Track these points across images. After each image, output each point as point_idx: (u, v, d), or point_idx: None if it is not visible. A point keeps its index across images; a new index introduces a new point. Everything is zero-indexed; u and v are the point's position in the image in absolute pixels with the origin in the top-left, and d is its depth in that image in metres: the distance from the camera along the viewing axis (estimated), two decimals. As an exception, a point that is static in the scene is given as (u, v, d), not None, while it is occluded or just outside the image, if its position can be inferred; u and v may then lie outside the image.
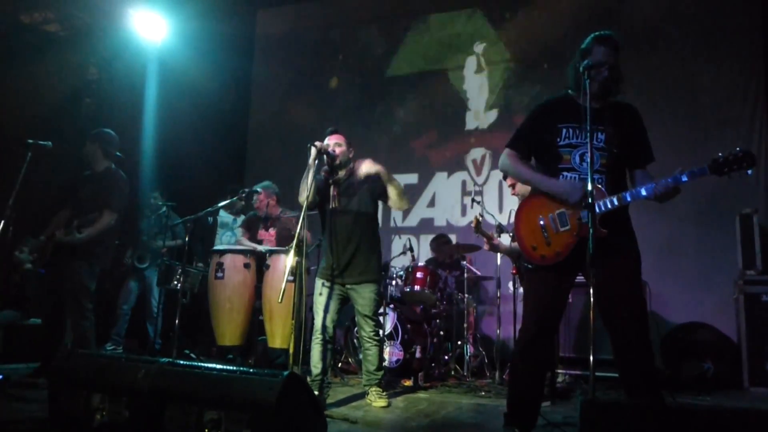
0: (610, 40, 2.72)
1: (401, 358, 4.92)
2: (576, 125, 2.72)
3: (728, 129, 5.68)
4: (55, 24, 7.58)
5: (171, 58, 6.72)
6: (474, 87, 6.83)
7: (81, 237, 4.01)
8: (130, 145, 6.66)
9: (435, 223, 6.73)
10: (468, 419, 3.52)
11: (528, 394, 2.80)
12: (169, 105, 6.86)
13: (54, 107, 6.63)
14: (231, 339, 4.87)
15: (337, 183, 3.84)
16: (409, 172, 6.97)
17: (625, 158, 2.75)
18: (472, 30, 6.94)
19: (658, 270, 5.67)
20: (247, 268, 4.95)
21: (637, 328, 2.62)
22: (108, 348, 5.81)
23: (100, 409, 2.60)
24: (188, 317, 5.28)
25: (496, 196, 6.46)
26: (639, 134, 2.80)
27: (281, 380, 2.26)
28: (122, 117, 6.61)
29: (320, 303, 3.74)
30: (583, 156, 2.67)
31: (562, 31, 6.38)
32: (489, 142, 6.60)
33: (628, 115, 2.81)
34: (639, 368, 2.63)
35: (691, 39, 5.94)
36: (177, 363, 2.61)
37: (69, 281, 4.05)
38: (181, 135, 6.90)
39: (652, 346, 2.69)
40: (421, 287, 5.16)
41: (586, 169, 2.62)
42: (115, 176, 4.28)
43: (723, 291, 5.26)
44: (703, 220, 5.60)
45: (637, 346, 2.62)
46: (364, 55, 7.51)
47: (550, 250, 2.69)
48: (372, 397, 3.83)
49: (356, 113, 7.39)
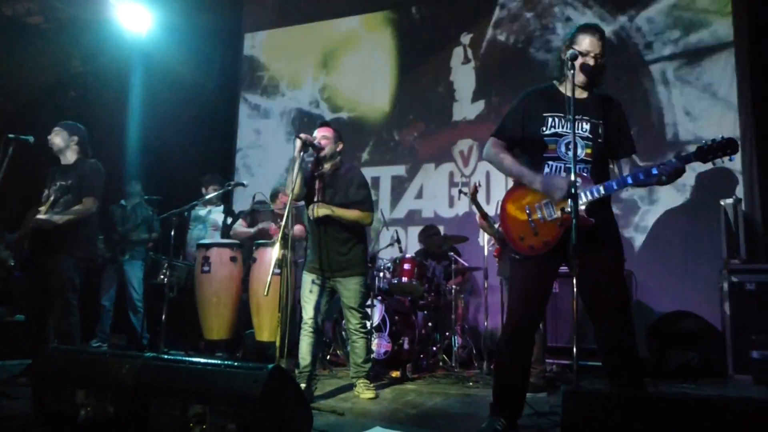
0: (595, 29, 2.72)
1: (389, 349, 4.92)
2: (561, 115, 2.73)
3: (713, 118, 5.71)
4: (38, 16, 7.48)
5: (156, 50, 6.64)
6: (461, 78, 6.81)
7: (58, 219, 3.95)
8: (114, 138, 6.63)
9: (423, 215, 6.74)
10: (455, 409, 3.55)
11: (513, 384, 2.82)
12: (155, 98, 6.80)
13: (37, 100, 6.55)
14: (219, 333, 4.86)
15: (322, 176, 3.82)
16: (397, 164, 6.98)
17: (608, 148, 2.77)
18: (459, 21, 6.92)
19: (644, 259, 5.73)
20: (233, 262, 4.93)
21: (621, 319, 2.65)
22: (93, 345, 5.77)
23: (84, 405, 2.59)
24: (176, 311, 5.25)
25: (483, 187, 6.44)
26: (621, 125, 2.82)
27: (266, 373, 2.26)
28: (107, 110, 6.55)
29: (308, 296, 3.74)
30: (568, 145, 2.68)
31: (550, 20, 6.40)
32: (476, 133, 6.59)
33: (611, 106, 2.82)
34: (622, 359, 2.66)
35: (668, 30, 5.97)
36: (161, 357, 2.61)
37: (53, 276, 4.00)
38: (167, 128, 6.85)
39: (636, 337, 2.72)
40: (408, 278, 5.17)
41: (571, 158, 2.63)
42: (93, 165, 4.22)
43: (708, 280, 5.30)
44: (688, 210, 5.65)
45: (621, 336, 2.64)
46: (350, 46, 7.48)
47: (537, 239, 2.70)
48: (360, 389, 3.84)
49: (345, 105, 7.36)
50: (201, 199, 4.94)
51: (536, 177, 2.70)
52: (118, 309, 6.00)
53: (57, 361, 2.76)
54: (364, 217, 3.84)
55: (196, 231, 6.07)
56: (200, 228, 6.09)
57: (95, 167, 4.21)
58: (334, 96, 7.51)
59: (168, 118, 6.86)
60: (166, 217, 4.88)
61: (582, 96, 2.75)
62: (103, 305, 5.93)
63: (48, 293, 4.04)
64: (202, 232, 6.05)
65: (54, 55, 7.04)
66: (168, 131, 6.85)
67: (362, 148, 7.16)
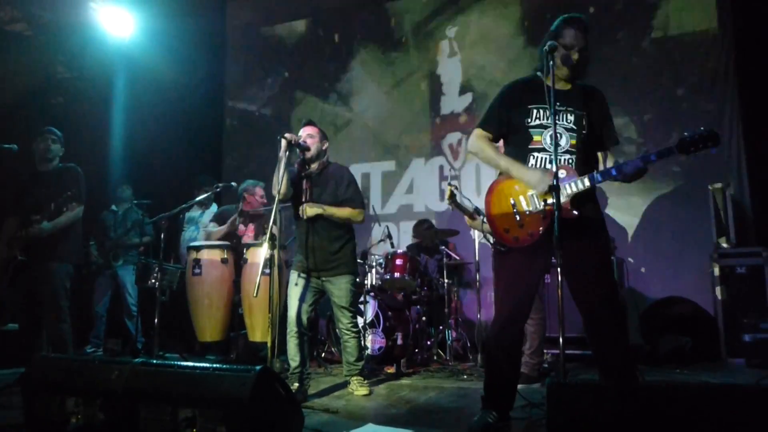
0: (579, 22, 2.72)
1: (384, 345, 4.93)
2: (545, 106, 2.71)
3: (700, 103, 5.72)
4: (22, 23, 7.43)
5: (140, 54, 6.60)
6: (447, 71, 6.81)
7: (49, 226, 3.94)
8: (100, 144, 6.60)
9: (414, 209, 6.74)
10: (449, 403, 3.55)
11: (504, 376, 2.82)
12: (140, 102, 6.76)
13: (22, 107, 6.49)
14: (211, 335, 4.86)
15: (309, 176, 3.81)
16: (386, 160, 6.98)
17: (593, 139, 2.77)
18: (444, 13, 6.90)
19: (635, 246, 5.75)
20: (224, 263, 4.92)
21: (608, 309, 2.65)
22: (88, 351, 5.76)
23: (75, 413, 2.58)
24: (169, 314, 5.25)
25: (473, 180, 6.47)
26: (605, 117, 2.82)
27: (254, 375, 2.25)
28: (91, 115, 6.50)
29: (294, 294, 3.72)
30: (552, 137, 2.68)
31: (537, 10, 6.38)
32: (464, 125, 6.60)
33: (595, 98, 2.83)
34: (612, 349, 2.66)
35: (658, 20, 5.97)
36: (150, 363, 2.59)
37: (44, 284, 4.00)
38: (153, 131, 6.81)
39: (626, 326, 2.73)
40: (401, 274, 5.18)
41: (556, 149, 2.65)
42: (75, 170, 4.21)
43: (699, 265, 5.33)
44: (677, 195, 5.67)
45: (609, 327, 2.65)
46: (336, 43, 7.46)
47: (523, 231, 2.69)
48: (354, 386, 3.85)
49: (332, 102, 7.35)
50: (189, 202, 4.92)
51: (522, 170, 2.70)
52: (112, 314, 6.00)
53: (46, 369, 2.74)
54: (356, 214, 3.83)
55: (189, 233, 6.06)
56: (193, 230, 6.07)
57: (78, 173, 4.20)
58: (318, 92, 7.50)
59: (154, 122, 6.82)
60: (155, 220, 4.87)
61: (566, 87, 2.76)
62: (97, 312, 5.92)
63: (40, 301, 4.04)
64: (195, 233, 6.04)
65: (38, 61, 6.98)
66: (154, 135, 6.82)
67: (351, 144, 7.15)
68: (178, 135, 6.99)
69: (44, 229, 3.94)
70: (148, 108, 6.80)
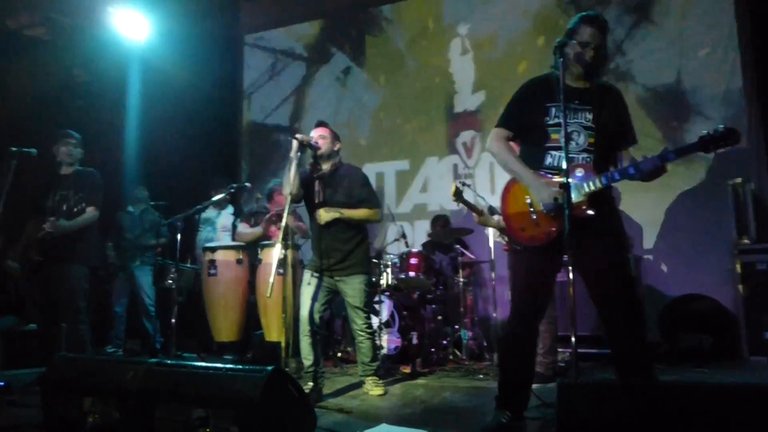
0: (596, 20, 2.68)
1: (399, 345, 4.93)
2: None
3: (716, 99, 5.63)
4: (41, 28, 7.55)
5: (155, 56, 6.67)
6: (460, 69, 6.78)
7: (67, 224, 4.01)
8: (116, 145, 6.68)
9: (429, 208, 6.72)
10: (463, 403, 3.54)
11: (518, 376, 2.81)
12: (155, 103, 6.82)
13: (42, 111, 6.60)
14: (227, 335, 4.90)
15: (322, 177, 3.82)
16: (400, 159, 6.97)
17: (611, 138, 2.73)
18: (456, 12, 6.88)
19: (654, 243, 5.67)
20: (239, 264, 4.96)
21: (625, 307, 2.62)
22: (108, 351, 5.84)
23: (91, 412, 2.62)
24: (187, 315, 5.30)
25: (487, 178, 6.43)
26: (623, 116, 2.78)
27: (265, 376, 2.27)
28: (107, 117, 6.58)
29: (307, 294, 3.73)
30: (571, 134, 2.66)
31: (549, 8, 6.33)
32: (478, 124, 6.57)
33: (613, 96, 2.79)
34: (628, 347, 2.63)
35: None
36: (165, 363, 2.62)
37: (62, 285, 4.06)
38: (168, 134, 6.88)
39: (644, 324, 2.68)
40: (416, 273, 5.17)
41: (574, 148, 2.64)
42: (93, 175, 4.29)
43: (719, 261, 5.24)
44: (696, 191, 5.58)
45: (626, 324, 2.61)
46: (349, 42, 7.47)
47: (539, 230, 2.67)
48: (368, 386, 3.85)
49: (346, 102, 7.36)
50: (204, 203, 4.96)
51: (532, 181, 2.68)
52: (131, 314, 6.08)
53: (64, 369, 2.79)
54: (373, 214, 3.83)
55: (205, 233, 6.11)
56: (209, 230, 6.12)
57: (96, 176, 4.27)
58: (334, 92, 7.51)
59: (169, 124, 6.89)
60: (170, 221, 4.92)
61: (583, 85, 2.73)
62: (116, 312, 6.00)
63: (58, 302, 4.10)
64: (211, 234, 6.09)
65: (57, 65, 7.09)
66: (170, 136, 6.89)
67: (365, 144, 7.15)
68: (194, 136, 7.05)
69: (62, 225, 4.00)
70: (164, 110, 6.87)
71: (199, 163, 6.98)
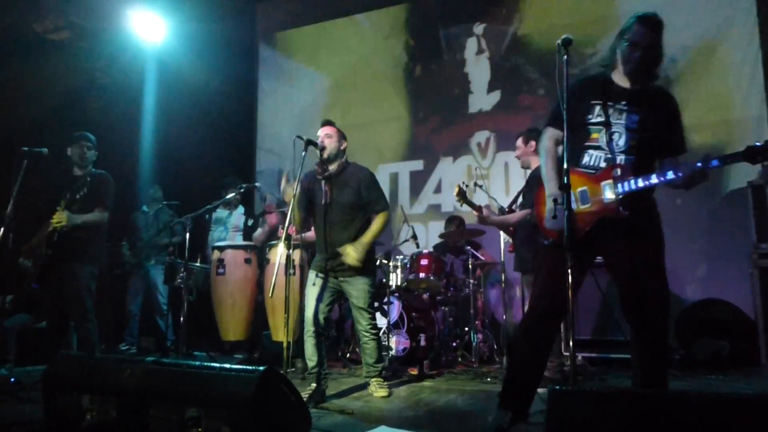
0: (650, 20, 2.60)
1: (408, 346, 4.90)
2: (610, 104, 2.65)
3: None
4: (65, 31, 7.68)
5: (171, 57, 6.75)
6: (475, 69, 6.72)
7: (74, 217, 4.05)
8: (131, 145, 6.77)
9: (442, 209, 6.67)
10: (467, 406, 3.50)
11: (526, 376, 2.73)
12: (171, 104, 6.91)
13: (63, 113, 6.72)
14: (235, 334, 4.91)
15: (329, 178, 3.80)
16: (414, 159, 6.93)
17: (656, 143, 2.64)
18: (471, 11, 6.82)
19: (671, 246, 5.49)
20: (247, 263, 4.97)
21: (655, 312, 2.56)
22: (122, 348, 5.92)
23: (90, 410, 2.64)
24: (198, 314, 5.34)
25: (502, 179, 6.35)
26: (673, 122, 2.67)
27: (257, 376, 2.25)
28: (124, 118, 6.68)
29: (311, 294, 3.71)
30: (612, 136, 2.61)
31: (566, 7, 6.23)
32: (493, 124, 6.48)
33: (666, 102, 2.70)
34: (652, 355, 2.58)
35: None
36: (161, 362, 2.62)
37: (71, 284, 4.11)
38: (185, 134, 6.95)
39: (668, 332, 2.62)
40: (426, 274, 5.13)
41: (614, 148, 2.59)
42: (105, 177, 4.33)
43: (738, 266, 5.08)
44: (715, 193, 5.44)
45: (652, 335, 2.57)
46: (365, 42, 7.46)
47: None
48: (373, 387, 3.83)
49: (360, 102, 7.35)
50: (214, 203, 4.99)
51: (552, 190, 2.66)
52: (146, 313, 6.15)
53: (65, 368, 2.82)
54: (383, 218, 3.81)
55: (217, 233, 6.15)
56: (221, 230, 6.16)
57: (108, 179, 4.32)
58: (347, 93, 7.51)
59: (186, 125, 6.96)
60: (181, 221, 4.96)
61: (633, 87, 2.66)
62: (131, 310, 6.08)
63: (66, 300, 4.15)
64: (222, 234, 6.13)
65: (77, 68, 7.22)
66: (186, 137, 6.96)
67: (378, 144, 7.13)
68: (209, 137, 7.11)
69: (70, 216, 4.03)
70: (179, 111, 6.94)
71: (214, 163, 7.03)
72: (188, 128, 6.93)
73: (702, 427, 1.55)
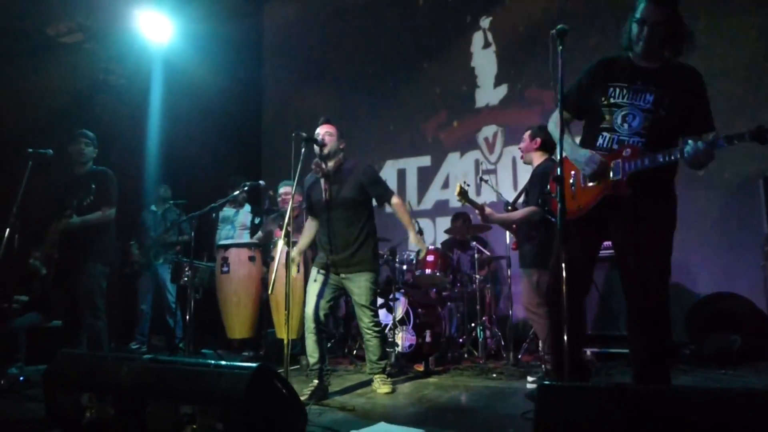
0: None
1: (414, 342, 4.87)
2: (625, 85, 2.61)
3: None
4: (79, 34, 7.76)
5: (178, 58, 6.78)
6: (482, 63, 6.66)
7: (77, 221, 4.08)
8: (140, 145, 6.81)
9: (450, 205, 6.63)
10: (470, 403, 3.47)
11: None
12: (178, 105, 6.94)
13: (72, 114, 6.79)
14: (240, 332, 4.92)
15: (327, 176, 3.79)
16: (422, 155, 6.90)
17: (675, 122, 2.56)
18: (477, 4, 6.76)
19: (682, 239, 5.41)
20: (252, 261, 4.98)
21: (648, 301, 2.50)
22: (133, 347, 5.97)
23: (89, 408, 2.66)
24: (206, 312, 5.36)
25: (509, 174, 6.30)
26: (696, 99, 2.57)
27: (250, 373, 2.25)
28: (130, 118, 6.72)
29: (312, 291, 3.71)
30: (625, 117, 2.58)
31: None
32: (500, 118, 6.43)
33: (687, 78, 2.59)
34: (642, 342, 2.52)
35: None
36: (158, 359, 2.64)
37: (80, 282, 4.15)
38: (192, 134, 6.98)
39: (667, 322, 2.54)
40: (432, 270, 5.10)
41: (626, 130, 2.56)
42: (105, 173, 4.34)
43: (750, 259, 5.00)
44: (726, 184, 5.34)
45: (646, 320, 2.50)
46: (373, 40, 7.43)
47: (574, 203, 2.66)
48: (376, 384, 3.81)
49: (366, 98, 7.34)
50: (218, 201, 5.00)
51: (580, 151, 2.65)
52: (156, 311, 6.20)
53: (65, 365, 2.85)
54: (399, 203, 3.86)
55: (224, 231, 6.18)
56: (228, 228, 6.19)
57: (108, 175, 4.33)
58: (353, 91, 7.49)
59: (193, 124, 6.99)
60: (186, 219, 4.98)
61: (650, 65, 2.60)
62: (142, 309, 6.14)
63: (76, 299, 4.19)
64: (230, 232, 6.16)
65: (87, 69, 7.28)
66: (193, 137, 6.99)
67: (386, 141, 7.11)
68: (216, 136, 7.14)
69: (72, 223, 4.07)
70: (186, 110, 6.97)
71: (221, 162, 7.06)
72: (195, 128, 6.96)
73: (693, 423, 1.52)
